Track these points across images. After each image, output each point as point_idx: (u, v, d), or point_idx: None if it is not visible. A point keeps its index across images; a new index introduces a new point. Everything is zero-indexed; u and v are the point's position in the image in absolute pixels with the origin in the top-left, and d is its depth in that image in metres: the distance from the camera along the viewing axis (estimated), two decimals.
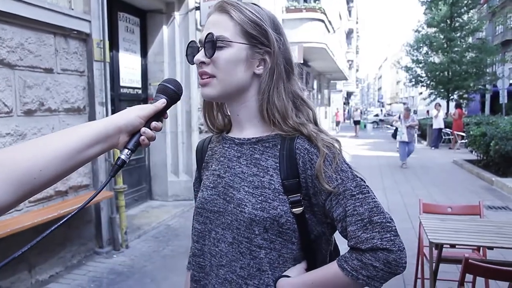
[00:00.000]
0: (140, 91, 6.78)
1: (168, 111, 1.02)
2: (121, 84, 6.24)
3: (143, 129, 0.92)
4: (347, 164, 1.04)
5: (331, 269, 1.01)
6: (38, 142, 0.83)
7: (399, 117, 12.06)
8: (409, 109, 12.26)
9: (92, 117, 4.67)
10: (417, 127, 12.26)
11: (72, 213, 0.83)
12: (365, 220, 0.97)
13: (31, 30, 3.88)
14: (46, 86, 4.06)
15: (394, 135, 12.59)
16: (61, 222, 0.80)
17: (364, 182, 1.03)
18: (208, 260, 1.12)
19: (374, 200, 1.00)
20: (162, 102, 0.98)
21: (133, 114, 0.92)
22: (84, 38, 4.57)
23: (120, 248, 4.86)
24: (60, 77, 4.25)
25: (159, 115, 0.97)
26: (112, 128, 0.88)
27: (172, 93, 1.00)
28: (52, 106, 4.13)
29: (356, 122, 26.70)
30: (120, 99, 6.18)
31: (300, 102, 1.10)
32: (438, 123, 16.48)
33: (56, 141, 0.82)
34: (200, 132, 7.25)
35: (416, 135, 12.16)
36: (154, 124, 0.95)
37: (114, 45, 5.90)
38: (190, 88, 6.92)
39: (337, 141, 1.07)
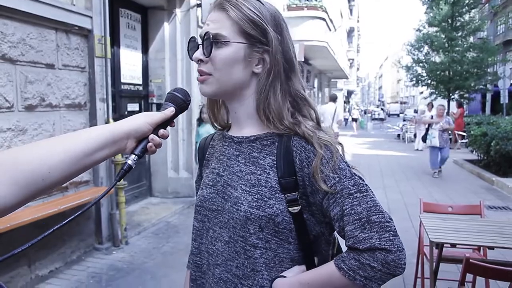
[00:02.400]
0: (141, 88, 6.77)
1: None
2: (122, 80, 6.23)
3: (151, 136, 0.93)
4: (345, 163, 1.02)
5: (328, 269, 0.99)
6: (48, 144, 0.83)
7: (432, 117, 10.23)
8: (443, 106, 10.24)
9: (92, 113, 4.66)
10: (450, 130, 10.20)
11: (78, 213, 0.84)
12: (363, 220, 0.94)
13: (33, 25, 3.88)
14: (47, 82, 4.06)
15: (424, 138, 10.28)
16: (65, 221, 0.80)
17: (363, 180, 1.00)
18: (205, 259, 1.11)
19: (372, 199, 0.97)
20: (171, 110, 0.98)
21: (142, 120, 0.92)
22: (85, 34, 4.56)
23: (120, 245, 4.86)
24: (61, 72, 4.24)
25: (167, 123, 0.98)
26: (120, 133, 0.88)
27: (181, 102, 1.02)
28: (53, 102, 4.13)
29: (354, 120, 28.32)
30: (121, 96, 6.18)
31: (302, 101, 1.08)
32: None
33: (65, 143, 0.83)
34: None
35: (449, 139, 10.12)
36: (162, 131, 0.95)
37: (115, 42, 5.89)
38: (191, 85, 6.91)
39: (336, 139, 1.05)
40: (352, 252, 0.96)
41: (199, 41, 1.06)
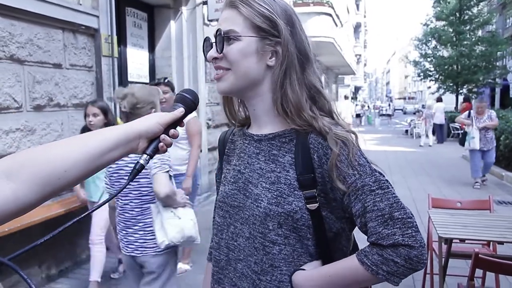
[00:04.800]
0: None
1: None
2: (129, 79, 6.24)
3: (163, 136, 0.94)
4: (365, 158, 1.03)
5: (350, 263, 1.01)
6: (64, 144, 0.86)
7: (469, 115, 8.03)
8: (484, 102, 8.20)
9: None
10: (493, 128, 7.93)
11: (93, 209, 0.88)
12: (385, 216, 0.96)
13: (40, 25, 3.90)
14: (55, 82, 4.09)
15: (462, 141, 8.15)
16: (83, 215, 0.84)
17: (384, 176, 1.02)
18: (224, 254, 1.14)
19: (394, 195, 0.99)
20: (180, 111, 0.99)
21: (153, 121, 0.94)
22: (92, 33, 4.58)
23: None
24: (68, 72, 4.27)
25: (177, 123, 0.99)
26: (132, 133, 0.90)
27: (190, 103, 1.03)
28: (61, 102, 4.16)
29: (357, 115, 28.87)
30: None
31: (316, 93, 1.09)
32: (438, 119, 16.35)
33: (80, 144, 0.85)
34: (208, 127, 7.25)
35: (494, 139, 7.96)
36: (172, 131, 0.97)
37: (122, 40, 5.90)
38: (198, 83, 6.92)
39: (353, 133, 1.06)
40: (375, 248, 0.98)
41: (213, 40, 1.08)
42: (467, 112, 8.25)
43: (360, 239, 1.14)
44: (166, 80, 4.09)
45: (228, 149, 1.24)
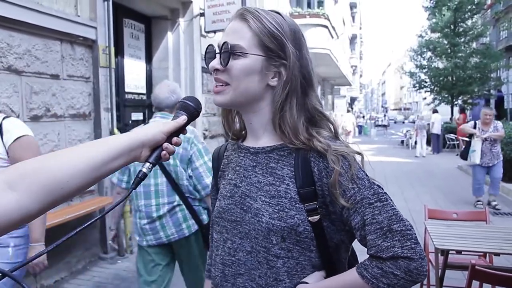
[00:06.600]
0: (144, 97, 6.79)
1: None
2: (126, 90, 6.25)
3: (165, 144, 0.95)
4: (364, 172, 1.03)
5: (350, 276, 1.00)
6: (67, 153, 0.86)
7: (475, 125, 7.10)
8: (491, 110, 7.25)
9: (97, 122, 4.69)
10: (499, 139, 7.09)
11: (99, 217, 0.89)
12: (384, 229, 0.96)
13: (38, 36, 3.92)
14: (52, 92, 4.09)
15: (465, 155, 7.16)
16: (86, 224, 0.86)
17: (382, 189, 1.02)
18: (219, 271, 1.12)
19: (392, 207, 0.99)
20: (183, 119, 1.00)
21: (156, 129, 0.94)
22: (90, 44, 4.60)
23: (125, 254, 4.86)
24: (66, 83, 4.28)
25: (179, 131, 1.00)
26: (136, 142, 0.91)
27: (193, 110, 1.03)
28: (58, 112, 4.16)
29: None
30: (125, 105, 6.20)
31: (319, 116, 1.09)
32: (435, 129, 16.51)
33: (84, 153, 0.86)
34: (205, 137, 7.26)
35: (501, 153, 7.13)
36: (175, 139, 0.97)
37: (119, 51, 5.92)
38: (195, 94, 6.93)
39: (358, 153, 1.06)
40: (374, 261, 0.97)
41: (217, 49, 1.07)
42: (473, 122, 7.35)
43: (361, 249, 1.14)
44: None
45: (223, 165, 1.22)
